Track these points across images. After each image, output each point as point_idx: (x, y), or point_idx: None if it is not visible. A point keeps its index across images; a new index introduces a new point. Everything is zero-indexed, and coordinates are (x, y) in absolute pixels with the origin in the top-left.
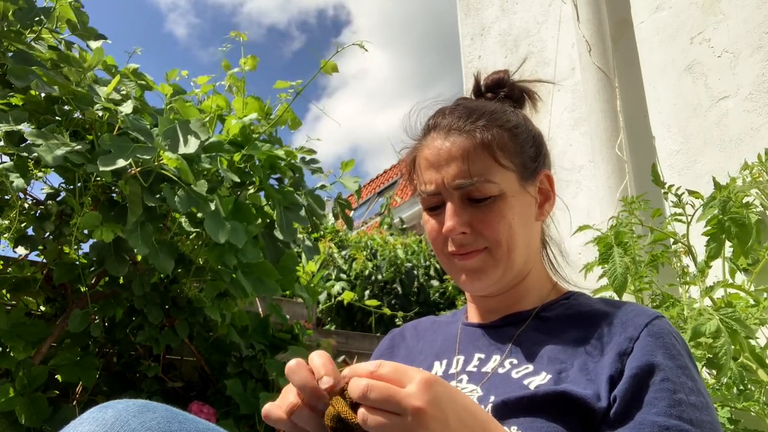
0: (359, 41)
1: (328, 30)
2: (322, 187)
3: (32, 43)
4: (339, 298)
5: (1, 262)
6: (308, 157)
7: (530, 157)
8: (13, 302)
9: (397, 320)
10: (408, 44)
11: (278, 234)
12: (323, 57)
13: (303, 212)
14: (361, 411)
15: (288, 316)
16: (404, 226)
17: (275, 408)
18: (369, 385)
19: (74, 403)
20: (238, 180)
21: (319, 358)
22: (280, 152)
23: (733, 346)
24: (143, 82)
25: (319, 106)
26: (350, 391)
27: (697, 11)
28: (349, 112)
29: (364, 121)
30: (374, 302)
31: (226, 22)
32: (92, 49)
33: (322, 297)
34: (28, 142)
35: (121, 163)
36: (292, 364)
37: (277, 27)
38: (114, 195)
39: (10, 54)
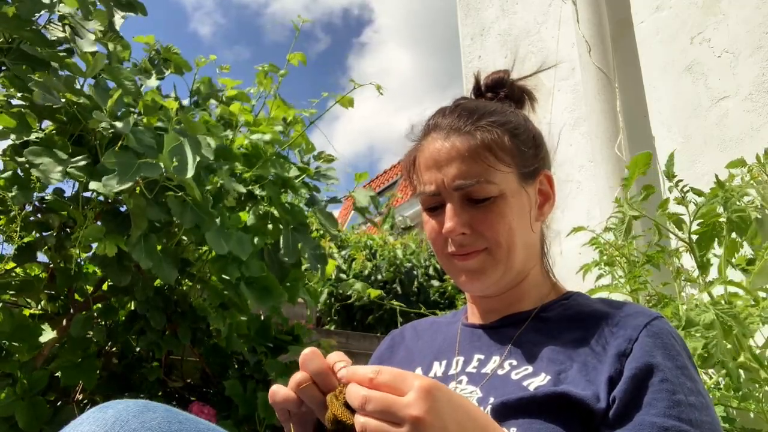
0: (376, 83)
1: (352, 30)
2: (335, 200)
3: (42, 32)
4: (359, 294)
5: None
6: (325, 166)
7: (530, 157)
8: (15, 302)
9: (397, 308)
10: (432, 43)
11: (282, 255)
12: (348, 58)
13: (313, 233)
14: (360, 420)
15: (288, 317)
16: (410, 224)
17: (281, 387)
18: (367, 396)
19: (74, 403)
20: (243, 191)
21: (336, 355)
22: (293, 171)
23: (727, 344)
24: (169, 61)
25: (324, 132)
26: (349, 399)
27: (697, 11)
28: (368, 111)
29: (384, 119)
30: (376, 292)
31: (250, 22)
32: (115, 26)
33: (322, 297)
34: (28, 159)
35: (126, 184)
36: (308, 352)
37: (302, 29)
38: (117, 205)
39: (12, 48)
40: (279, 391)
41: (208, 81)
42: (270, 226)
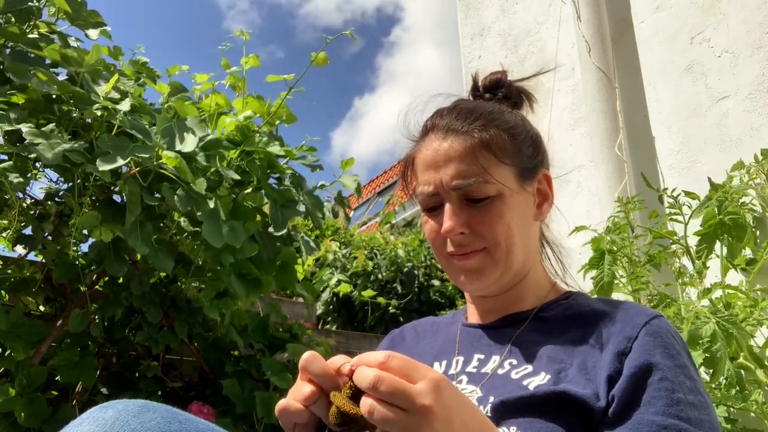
0: (348, 30)
1: (384, 30)
2: (321, 186)
3: (30, 36)
4: (336, 290)
5: (1, 262)
6: (309, 156)
7: (528, 157)
8: (12, 303)
9: (391, 308)
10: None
11: (272, 230)
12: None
13: (302, 208)
14: (368, 402)
15: (288, 315)
16: (408, 221)
17: (292, 402)
18: (380, 376)
19: (74, 403)
20: (238, 178)
21: (341, 358)
22: (276, 149)
23: (728, 349)
24: (142, 76)
25: (347, 129)
26: (358, 380)
27: (697, 11)
28: (395, 109)
29: None
30: (370, 293)
31: (284, 22)
32: (91, 39)
33: (324, 296)
34: (27, 141)
35: (119, 162)
36: (308, 355)
37: (333, 29)
38: (113, 195)
39: (8, 50)
40: (290, 408)
41: (178, 85)
42: (253, 211)
